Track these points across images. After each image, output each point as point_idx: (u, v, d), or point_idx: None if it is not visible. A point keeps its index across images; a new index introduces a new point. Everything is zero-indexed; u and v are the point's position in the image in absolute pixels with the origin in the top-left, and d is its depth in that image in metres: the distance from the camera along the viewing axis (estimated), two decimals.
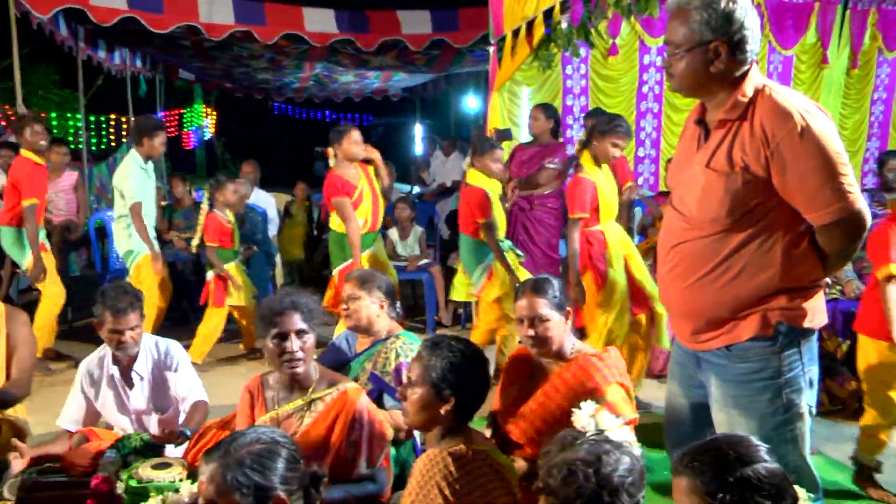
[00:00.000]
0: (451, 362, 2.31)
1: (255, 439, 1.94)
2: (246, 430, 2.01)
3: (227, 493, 1.86)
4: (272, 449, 1.94)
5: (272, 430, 2.03)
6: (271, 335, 2.82)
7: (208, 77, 14.18)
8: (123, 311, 3.40)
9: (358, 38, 8.94)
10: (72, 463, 3.15)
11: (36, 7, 7.60)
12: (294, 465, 1.96)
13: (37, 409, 4.33)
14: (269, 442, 1.95)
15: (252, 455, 1.90)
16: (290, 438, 2.04)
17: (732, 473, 1.69)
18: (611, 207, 4.99)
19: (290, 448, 1.98)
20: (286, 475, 1.92)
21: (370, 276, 3.53)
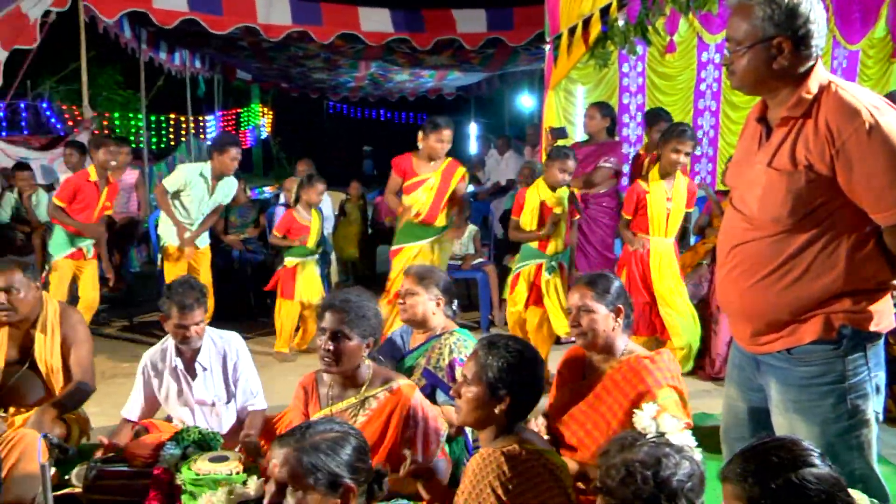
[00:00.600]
0: (508, 362, 2.31)
1: (329, 428, 1.96)
2: (319, 420, 2.03)
3: (301, 477, 1.87)
4: (344, 437, 1.95)
5: (342, 422, 2.05)
6: (318, 330, 2.88)
7: (265, 77, 14.39)
8: (190, 308, 3.46)
9: (413, 38, 8.98)
10: (134, 454, 3.23)
11: (102, 11, 7.83)
12: (363, 457, 1.98)
13: (98, 399, 4.43)
14: (342, 431, 1.97)
15: (327, 441, 1.92)
16: (359, 431, 2.05)
17: (776, 479, 1.64)
18: (658, 223, 5.06)
19: (359, 439, 2.00)
20: (355, 465, 1.93)
21: (428, 273, 3.55)
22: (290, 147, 22.37)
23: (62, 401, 3.60)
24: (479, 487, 2.20)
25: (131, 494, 3.07)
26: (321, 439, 1.92)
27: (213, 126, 14.99)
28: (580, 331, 2.89)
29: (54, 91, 14.47)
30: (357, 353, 2.85)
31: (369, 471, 2.00)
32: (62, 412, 3.58)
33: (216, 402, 3.62)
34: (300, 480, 1.87)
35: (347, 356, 2.83)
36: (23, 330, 3.70)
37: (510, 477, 2.18)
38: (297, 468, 1.87)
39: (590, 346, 2.92)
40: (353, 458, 1.94)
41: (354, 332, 2.82)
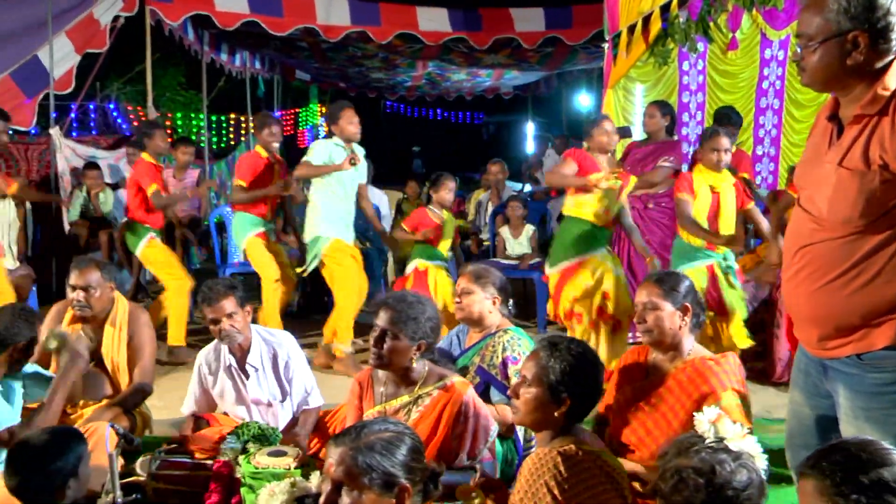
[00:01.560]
0: (571, 365, 2.29)
1: (385, 428, 1.96)
2: (374, 419, 2.04)
3: (356, 476, 1.88)
4: (399, 437, 1.95)
5: (398, 422, 2.05)
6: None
7: (323, 77, 14.56)
8: (215, 299, 3.51)
9: (471, 37, 8.99)
10: (195, 446, 3.31)
11: (168, 15, 8.05)
12: (418, 456, 1.98)
13: (159, 394, 4.55)
14: (397, 431, 1.97)
15: (382, 441, 1.92)
16: (414, 432, 2.05)
17: (866, 474, 1.58)
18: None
19: (414, 439, 2.00)
20: (410, 465, 1.93)
21: (485, 272, 3.55)
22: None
23: (123, 400, 3.74)
24: (534, 487, 2.19)
25: (192, 485, 3.15)
26: (376, 439, 1.92)
27: None
28: (646, 328, 2.86)
29: (121, 92, 14.83)
30: (406, 354, 2.85)
31: (424, 470, 2.00)
32: (123, 410, 3.70)
33: (272, 401, 3.67)
34: (355, 480, 1.88)
35: (396, 356, 2.85)
36: (93, 326, 3.83)
37: (566, 477, 2.17)
38: (353, 468, 1.88)
39: (655, 344, 2.89)
40: (409, 458, 1.93)
41: (403, 332, 2.83)
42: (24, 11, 7.12)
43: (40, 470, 2.46)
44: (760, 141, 7.66)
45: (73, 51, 7.45)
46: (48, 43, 7.06)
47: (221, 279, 3.68)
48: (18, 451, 2.53)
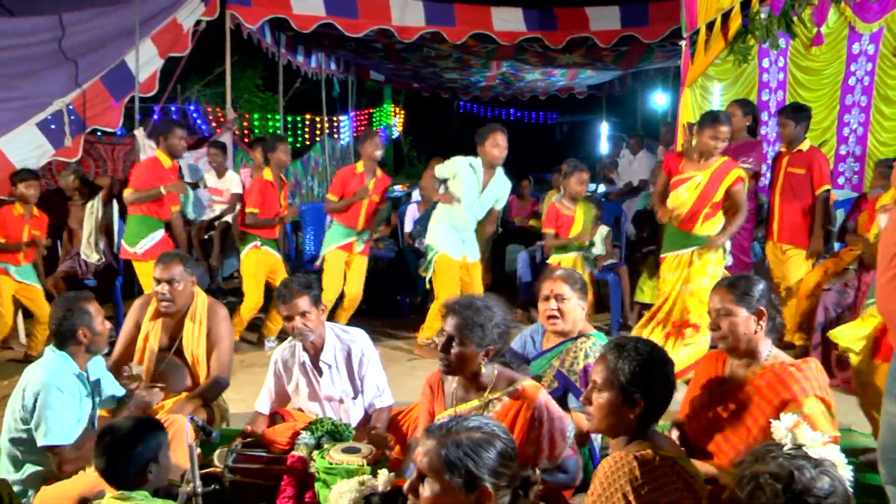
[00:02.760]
0: (640, 364, 2.24)
1: (478, 426, 1.94)
2: (473, 417, 2.02)
3: (439, 471, 1.88)
4: (489, 440, 1.93)
5: (497, 423, 2.02)
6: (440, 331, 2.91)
7: (398, 78, 14.66)
8: (290, 298, 3.56)
9: (546, 36, 8.93)
10: (271, 441, 3.38)
11: (247, 19, 8.25)
12: (507, 461, 1.94)
13: (236, 388, 4.65)
14: (489, 433, 1.94)
15: (470, 440, 1.90)
16: (510, 436, 2.01)
17: None
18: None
19: (507, 444, 1.96)
20: (497, 469, 1.90)
21: (574, 276, 3.51)
22: (420, 146, 22.69)
23: (202, 393, 3.84)
24: (609, 491, 2.15)
25: (268, 478, 3.22)
26: (466, 438, 1.90)
27: (347, 126, 15.40)
28: (720, 334, 2.79)
29: (200, 94, 15.23)
30: (473, 360, 2.83)
31: (513, 476, 1.96)
32: (203, 402, 3.81)
33: (343, 398, 3.72)
34: (438, 474, 1.87)
35: (463, 362, 2.83)
36: (174, 319, 3.95)
37: (642, 483, 2.12)
38: (437, 461, 1.87)
39: (731, 351, 2.81)
40: (496, 462, 1.90)
41: (470, 339, 2.80)
42: (114, 18, 7.39)
43: (123, 454, 2.56)
44: (845, 140, 7.38)
45: (157, 55, 7.69)
46: (135, 48, 7.30)
47: (298, 277, 3.72)
48: (105, 435, 2.63)
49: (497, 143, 5.70)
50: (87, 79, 7.17)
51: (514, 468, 1.97)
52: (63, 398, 3.13)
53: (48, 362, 3.24)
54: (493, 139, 5.71)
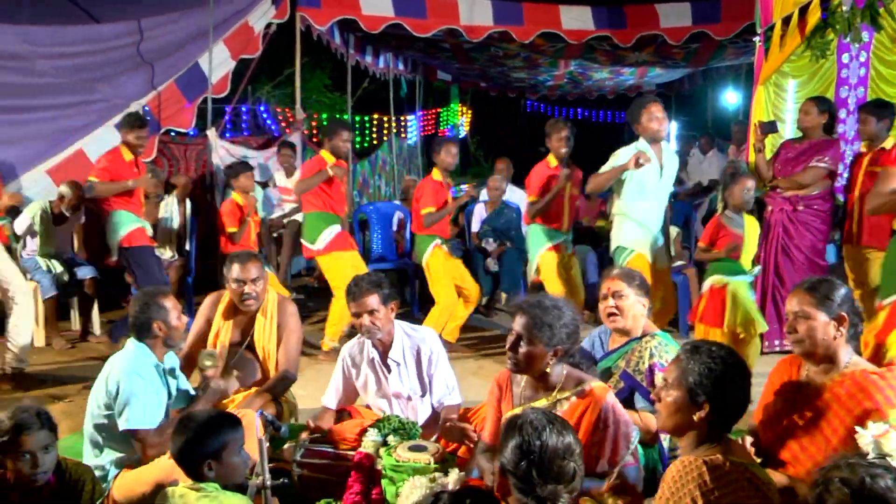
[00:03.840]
0: (710, 368, 2.22)
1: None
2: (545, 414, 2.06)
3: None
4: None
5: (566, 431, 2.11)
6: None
7: (465, 77, 14.69)
8: (360, 295, 3.60)
9: (615, 35, 8.84)
10: (338, 437, 3.42)
11: (316, 20, 8.39)
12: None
13: (304, 384, 4.72)
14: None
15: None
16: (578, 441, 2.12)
17: None
18: None
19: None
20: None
21: (633, 275, 3.48)
22: (487, 146, 22.67)
23: (271, 387, 3.91)
24: (678, 496, 2.12)
25: (335, 474, 3.26)
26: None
27: (414, 125, 15.48)
28: (796, 338, 2.71)
29: (270, 95, 15.48)
30: (541, 360, 2.82)
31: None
32: (272, 397, 3.88)
33: (411, 396, 3.74)
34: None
35: (531, 361, 2.82)
36: (246, 316, 4.04)
37: (712, 488, 2.09)
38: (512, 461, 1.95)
39: (808, 356, 2.73)
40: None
41: (538, 338, 2.79)
42: (189, 22, 7.60)
43: (185, 445, 2.63)
44: None
45: (229, 57, 7.87)
46: (208, 50, 7.48)
47: (368, 275, 3.76)
48: (181, 422, 2.72)
49: (654, 116, 5.23)
50: (162, 81, 7.39)
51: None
52: (144, 384, 3.25)
53: (129, 352, 3.36)
54: (649, 113, 5.24)
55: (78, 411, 4.52)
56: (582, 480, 2.21)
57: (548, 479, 2.14)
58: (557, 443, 2.17)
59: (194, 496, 2.53)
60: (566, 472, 2.16)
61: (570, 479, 2.17)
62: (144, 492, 3.03)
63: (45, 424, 2.65)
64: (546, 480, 2.14)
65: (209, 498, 2.52)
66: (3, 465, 2.61)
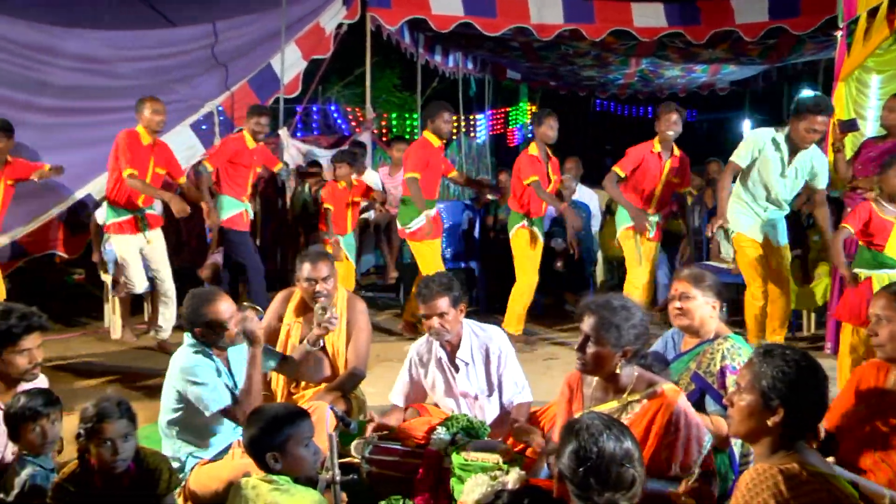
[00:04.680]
0: (784, 372, 2.14)
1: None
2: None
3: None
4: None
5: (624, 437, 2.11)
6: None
7: (534, 76, 14.63)
8: (430, 297, 3.60)
9: (688, 31, 8.67)
10: (407, 434, 3.43)
11: (387, 20, 8.46)
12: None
13: (372, 381, 4.76)
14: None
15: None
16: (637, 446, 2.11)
17: None
18: None
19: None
20: None
21: (703, 276, 3.41)
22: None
23: (341, 384, 3.97)
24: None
25: (403, 471, 3.28)
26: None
27: (483, 125, 15.48)
28: (878, 341, 2.63)
29: (340, 95, 15.69)
30: (609, 361, 2.78)
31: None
32: (342, 393, 3.93)
33: (479, 395, 3.73)
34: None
35: (599, 362, 2.79)
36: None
37: (788, 498, 2.01)
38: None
39: (891, 360, 2.63)
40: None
41: (606, 339, 2.75)
42: (262, 24, 7.76)
43: (253, 435, 2.68)
44: None
45: (301, 57, 8.00)
46: (280, 51, 7.61)
47: (439, 276, 3.76)
48: (252, 415, 2.77)
49: (809, 128, 5.03)
50: (235, 82, 7.55)
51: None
52: (206, 371, 3.34)
53: (187, 347, 3.47)
54: (808, 122, 5.03)
55: (152, 402, 4.66)
56: (642, 487, 2.16)
57: (605, 485, 2.10)
58: (615, 448, 2.12)
59: (266, 488, 2.57)
60: (624, 479, 2.11)
61: (629, 485, 2.12)
62: (218, 488, 3.09)
63: (124, 414, 2.73)
64: (604, 487, 2.10)
65: (280, 491, 2.56)
66: (88, 451, 2.70)
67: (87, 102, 6.84)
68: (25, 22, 6.58)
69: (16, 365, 3.07)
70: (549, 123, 6.37)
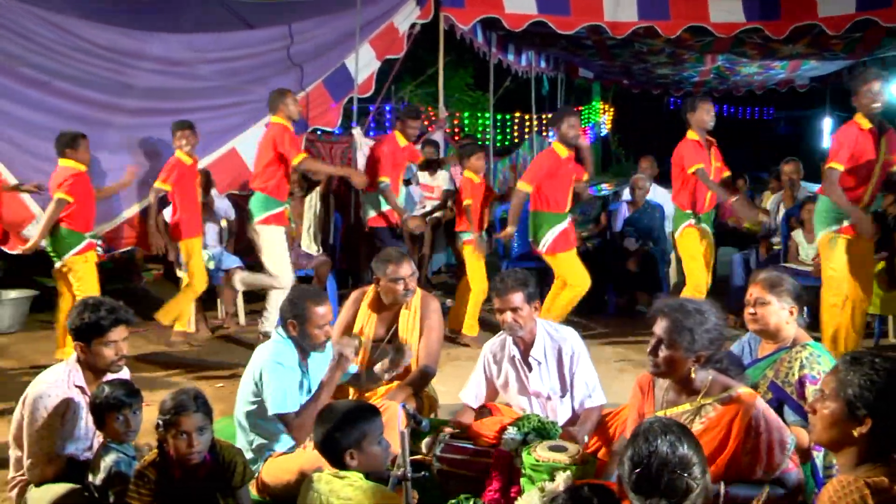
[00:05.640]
0: (872, 381, 2.06)
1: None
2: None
3: None
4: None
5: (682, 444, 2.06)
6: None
7: (607, 74, 14.48)
8: (505, 292, 3.61)
9: (767, 26, 8.38)
10: (477, 433, 3.44)
11: (460, 20, 8.46)
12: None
13: (444, 380, 4.78)
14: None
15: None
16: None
17: None
18: None
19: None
20: None
21: (780, 280, 3.30)
22: (628, 144, 22.25)
23: (412, 381, 4.00)
24: None
25: (473, 470, 3.28)
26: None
27: None
28: None
29: (413, 94, 15.78)
30: (683, 365, 2.74)
31: None
32: (413, 391, 3.97)
33: (551, 395, 3.71)
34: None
35: (671, 366, 2.75)
36: (391, 311, 4.13)
37: None
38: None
39: None
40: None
41: (678, 342, 2.71)
42: (336, 25, 7.85)
43: (327, 434, 2.71)
44: None
45: (375, 57, 8.07)
46: (354, 51, 7.70)
47: (515, 272, 3.76)
48: (324, 412, 2.82)
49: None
50: (310, 82, 7.67)
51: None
52: (284, 372, 3.39)
53: (274, 342, 3.53)
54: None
55: (228, 396, 4.77)
56: (700, 498, 2.10)
57: (654, 491, 2.06)
58: (668, 454, 2.08)
59: (339, 484, 2.61)
60: (676, 487, 2.07)
61: (683, 493, 2.07)
62: (290, 480, 3.15)
63: (200, 408, 2.79)
64: (652, 493, 2.06)
65: (353, 487, 2.59)
66: (166, 441, 2.78)
67: (168, 103, 7.04)
68: (114, 27, 6.81)
69: (103, 356, 3.19)
70: (704, 108, 6.02)
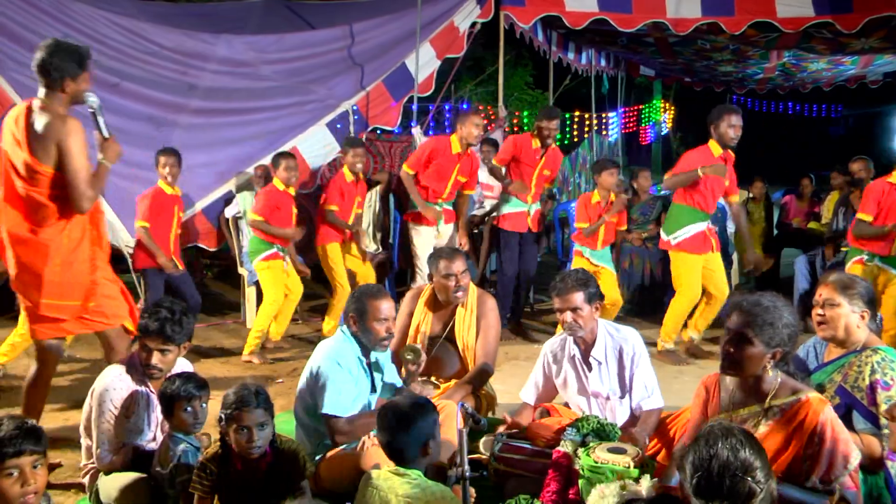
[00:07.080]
0: None
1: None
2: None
3: None
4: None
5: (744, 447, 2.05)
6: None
7: (668, 72, 14.28)
8: (565, 291, 3.59)
9: (838, 20, 8.12)
10: (536, 434, 3.43)
11: (520, 18, 8.45)
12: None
13: (501, 379, 4.77)
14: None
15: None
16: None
17: None
18: None
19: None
20: None
21: (851, 282, 3.20)
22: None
23: (470, 380, 4.01)
24: None
25: (531, 471, 3.27)
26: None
27: (616, 123, 15.24)
28: None
29: (472, 93, 15.77)
30: (758, 361, 2.68)
31: None
32: (471, 390, 3.97)
33: (611, 396, 3.68)
34: None
35: (747, 362, 2.69)
36: (448, 309, 4.16)
37: None
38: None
39: None
40: None
41: (758, 338, 2.66)
42: (397, 25, 7.92)
43: (406, 428, 2.73)
44: None
45: (435, 57, 8.10)
46: (414, 51, 7.74)
47: (576, 272, 3.74)
48: (387, 412, 2.81)
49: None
50: (370, 81, 7.73)
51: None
52: (341, 373, 3.41)
53: (335, 340, 3.56)
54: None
55: (287, 392, 4.84)
56: (766, 502, 2.05)
57: (716, 495, 2.01)
58: (729, 458, 2.03)
59: (399, 481, 2.63)
60: (738, 491, 2.01)
61: (745, 498, 2.02)
62: (347, 475, 3.17)
63: (261, 403, 2.84)
64: (713, 497, 2.01)
65: (412, 485, 2.61)
66: (229, 435, 2.83)
67: (231, 103, 7.19)
68: (181, 31, 7.00)
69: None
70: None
